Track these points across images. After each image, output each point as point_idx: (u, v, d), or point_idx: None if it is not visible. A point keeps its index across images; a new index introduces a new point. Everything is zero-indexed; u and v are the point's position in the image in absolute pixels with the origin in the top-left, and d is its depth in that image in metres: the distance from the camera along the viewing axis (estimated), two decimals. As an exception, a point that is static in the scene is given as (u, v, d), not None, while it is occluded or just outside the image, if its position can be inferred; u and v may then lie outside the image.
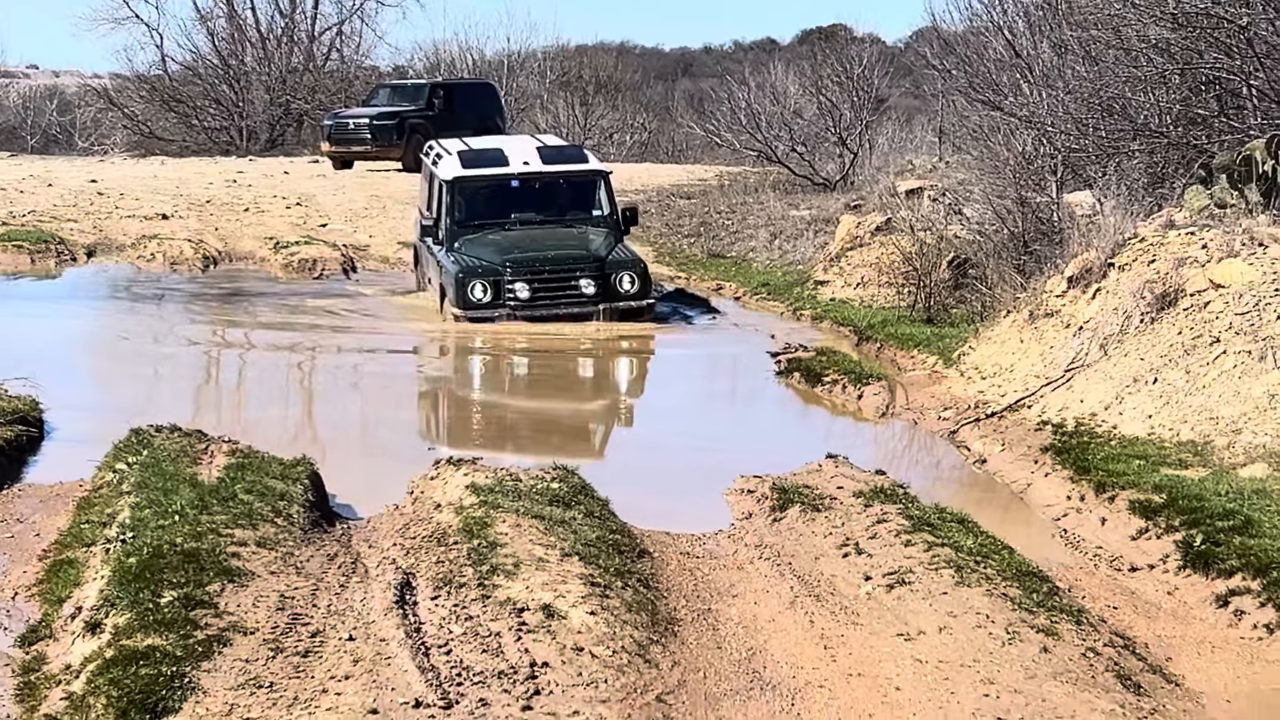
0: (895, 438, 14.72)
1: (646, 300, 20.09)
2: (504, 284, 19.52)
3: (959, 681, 7.42)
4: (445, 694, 6.92)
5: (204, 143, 48.47)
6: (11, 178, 33.93)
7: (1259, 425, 12.07)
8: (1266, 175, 15.62)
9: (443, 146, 22.29)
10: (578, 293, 19.75)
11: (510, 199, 21.13)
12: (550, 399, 16.83)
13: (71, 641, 7.99)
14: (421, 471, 11.71)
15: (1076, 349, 14.75)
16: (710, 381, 18.01)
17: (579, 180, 21.61)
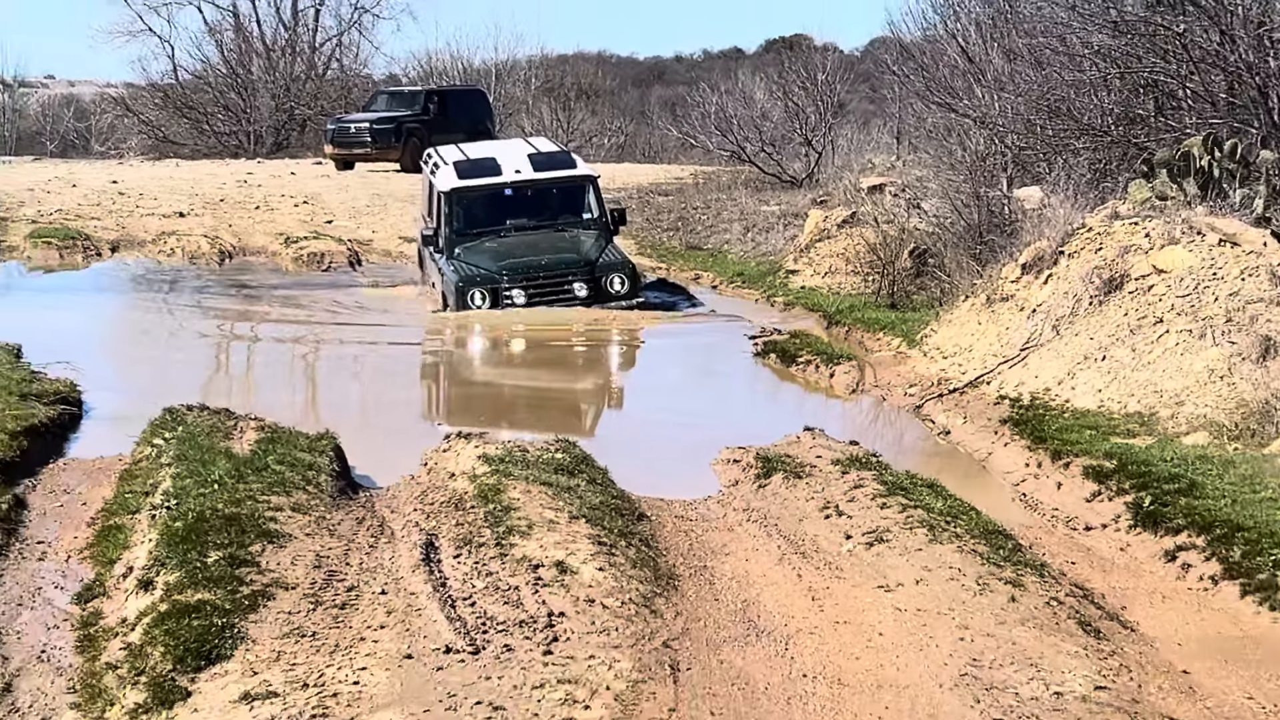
0: (865, 412, 14.81)
1: (635, 299, 19.84)
2: (501, 291, 19.37)
3: (936, 627, 7.54)
4: (473, 641, 7.04)
5: (214, 146, 48.34)
6: (38, 179, 33.82)
7: (1199, 398, 12.22)
8: (1203, 170, 15.76)
9: (440, 156, 22.04)
10: (571, 295, 19.59)
11: (505, 206, 20.84)
12: (546, 379, 16.90)
13: (125, 598, 8.10)
14: (432, 445, 11.82)
15: (1031, 330, 14.88)
16: (693, 362, 18.05)
17: (569, 186, 21.32)
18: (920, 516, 9.39)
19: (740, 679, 6.91)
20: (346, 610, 7.57)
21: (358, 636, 7.17)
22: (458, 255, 20.09)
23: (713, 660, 7.16)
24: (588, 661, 6.82)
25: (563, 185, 21.30)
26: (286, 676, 6.66)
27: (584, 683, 6.55)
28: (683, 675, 6.87)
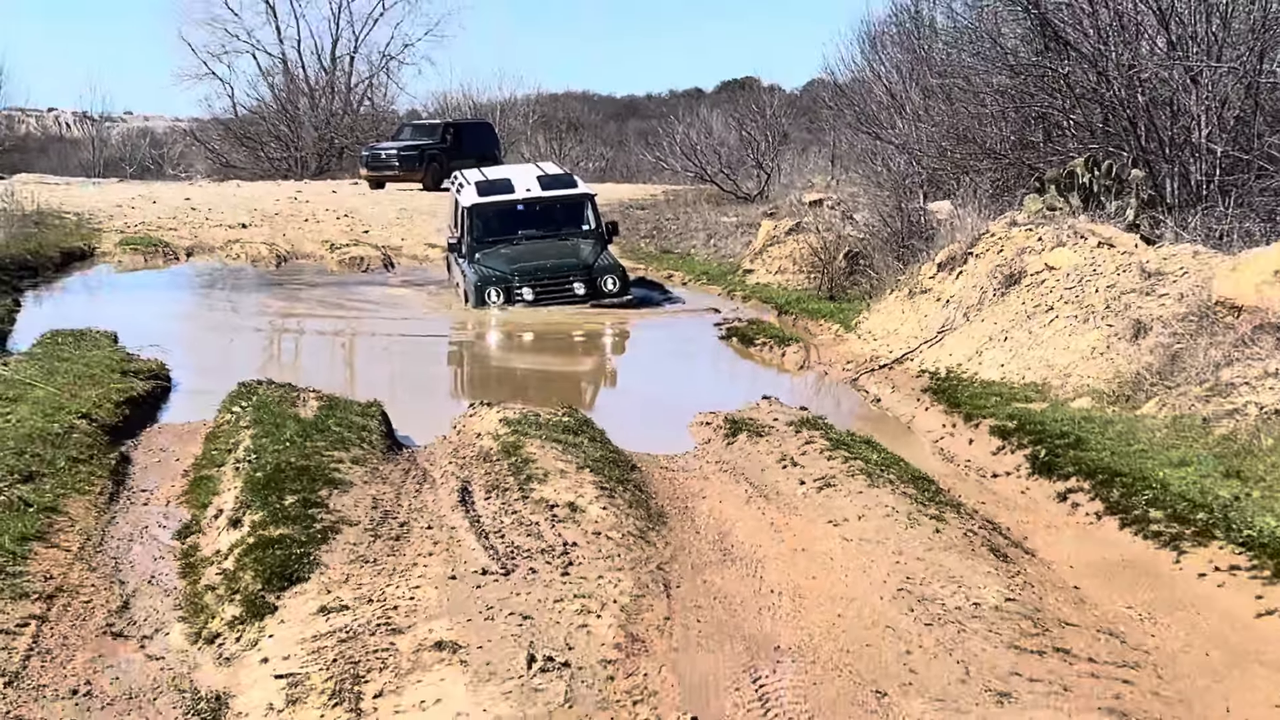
0: (811, 384, 14.86)
1: (626, 297, 19.96)
2: (514, 289, 19.50)
3: (876, 553, 7.68)
4: (504, 565, 7.17)
5: (268, 170, 48.19)
6: (124, 197, 33.75)
7: (1084, 370, 12.32)
8: (1085, 186, 15.90)
9: (464, 177, 22.17)
10: (571, 293, 19.68)
11: (517, 219, 20.96)
12: (548, 360, 16.95)
13: (218, 534, 8.19)
14: (460, 411, 11.93)
15: (946, 317, 14.99)
16: (670, 346, 18.10)
17: (570, 202, 21.40)
18: (860, 466, 9.53)
19: (720, 594, 7.05)
20: (400, 542, 7.70)
21: (410, 562, 7.30)
22: (477, 259, 20.19)
23: (697, 580, 7.29)
24: (598, 581, 6.96)
25: (565, 201, 21.38)
26: (355, 594, 6.80)
27: (596, 597, 6.69)
28: (674, 592, 7.01)
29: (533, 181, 21.65)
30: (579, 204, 21.45)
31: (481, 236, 20.60)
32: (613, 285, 19.92)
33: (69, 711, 5.88)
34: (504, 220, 20.88)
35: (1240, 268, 11.69)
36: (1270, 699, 5.86)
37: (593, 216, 21.31)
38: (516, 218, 20.99)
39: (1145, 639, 6.64)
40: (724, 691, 5.68)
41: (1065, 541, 8.50)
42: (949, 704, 5.55)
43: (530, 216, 21.09)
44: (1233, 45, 17.02)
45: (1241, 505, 8.28)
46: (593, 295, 19.72)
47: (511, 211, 21.02)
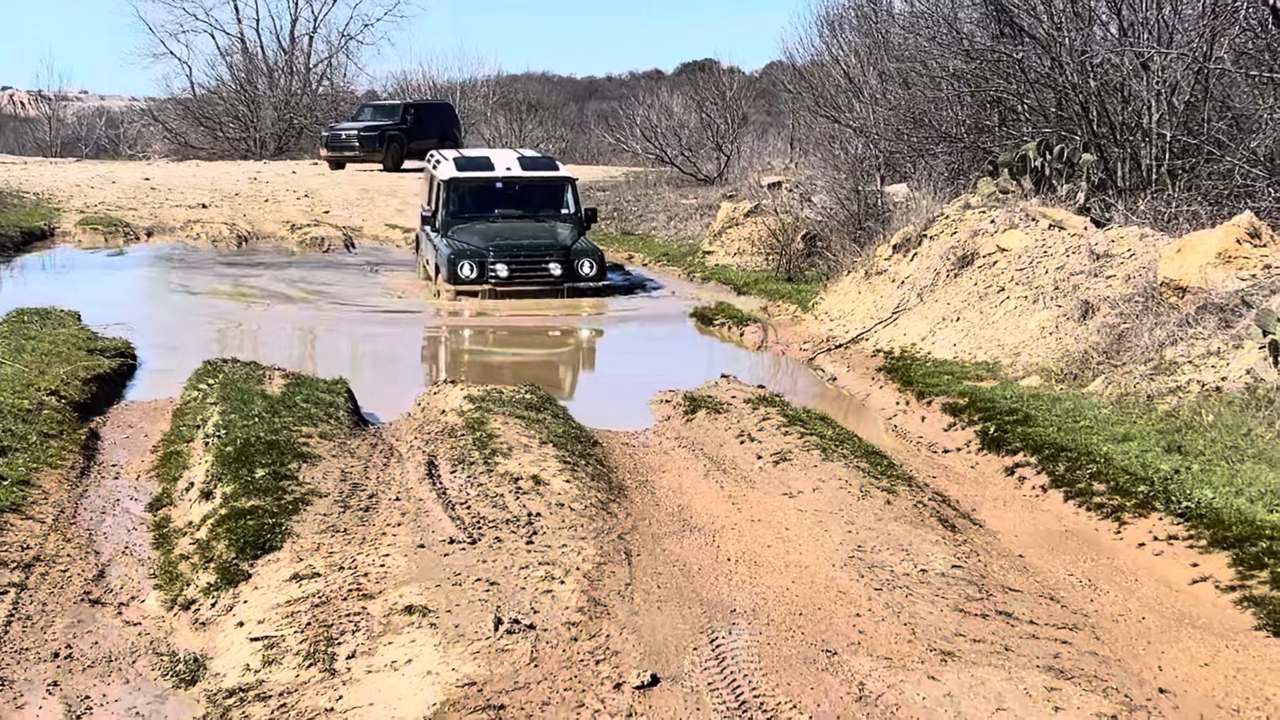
0: (769, 363, 15.10)
1: (603, 282, 19.51)
2: (488, 264, 18.85)
3: (829, 524, 7.97)
4: (470, 534, 7.42)
5: (227, 150, 48.04)
6: (82, 177, 33.66)
7: (1033, 350, 12.66)
8: (1037, 169, 16.22)
9: (442, 154, 21.86)
10: (546, 274, 19.11)
11: (494, 197, 20.51)
12: (518, 342, 16.98)
13: (189, 506, 8.41)
14: (422, 389, 12.15)
15: (900, 297, 15.30)
16: (628, 324, 18.23)
17: (550, 185, 20.90)
18: (815, 441, 9.82)
19: (679, 562, 7.32)
20: (369, 512, 7.95)
21: (379, 532, 7.55)
22: (451, 234, 19.70)
23: (657, 549, 7.56)
24: (561, 549, 7.22)
25: (545, 184, 20.95)
26: (326, 561, 7.04)
27: (559, 564, 6.95)
28: (634, 560, 7.28)
29: (513, 162, 21.32)
30: (559, 187, 20.98)
31: (457, 212, 20.12)
32: (589, 269, 19.33)
33: (51, 672, 6.11)
34: (481, 197, 20.45)
35: (1185, 250, 12.05)
36: (1198, 659, 6.18)
37: (573, 201, 20.85)
38: (494, 196, 20.61)
39: (1085, 604, 6.96)
40: (683, 651, 5.96)
41: (1012, 513, 8.82)
42: (895, 662, 5.85)
43: (508, 196, 20.67)
44: (1183, 32, 17.40)
45: (1181, 478, 8.61)
46: (569, 278, 19.18)
47: (490, 189, 20.64)
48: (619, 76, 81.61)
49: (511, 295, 18.83)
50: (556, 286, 19.05)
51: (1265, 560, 7.19)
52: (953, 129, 20.97)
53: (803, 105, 28.64)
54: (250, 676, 5.89)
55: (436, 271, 19.57)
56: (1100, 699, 5.55)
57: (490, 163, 21.20)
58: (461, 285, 18.86)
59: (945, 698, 5.49)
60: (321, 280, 21.54)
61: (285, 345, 16.47)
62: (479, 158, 21.60)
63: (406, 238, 26.68)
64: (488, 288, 18.82)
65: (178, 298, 19.64)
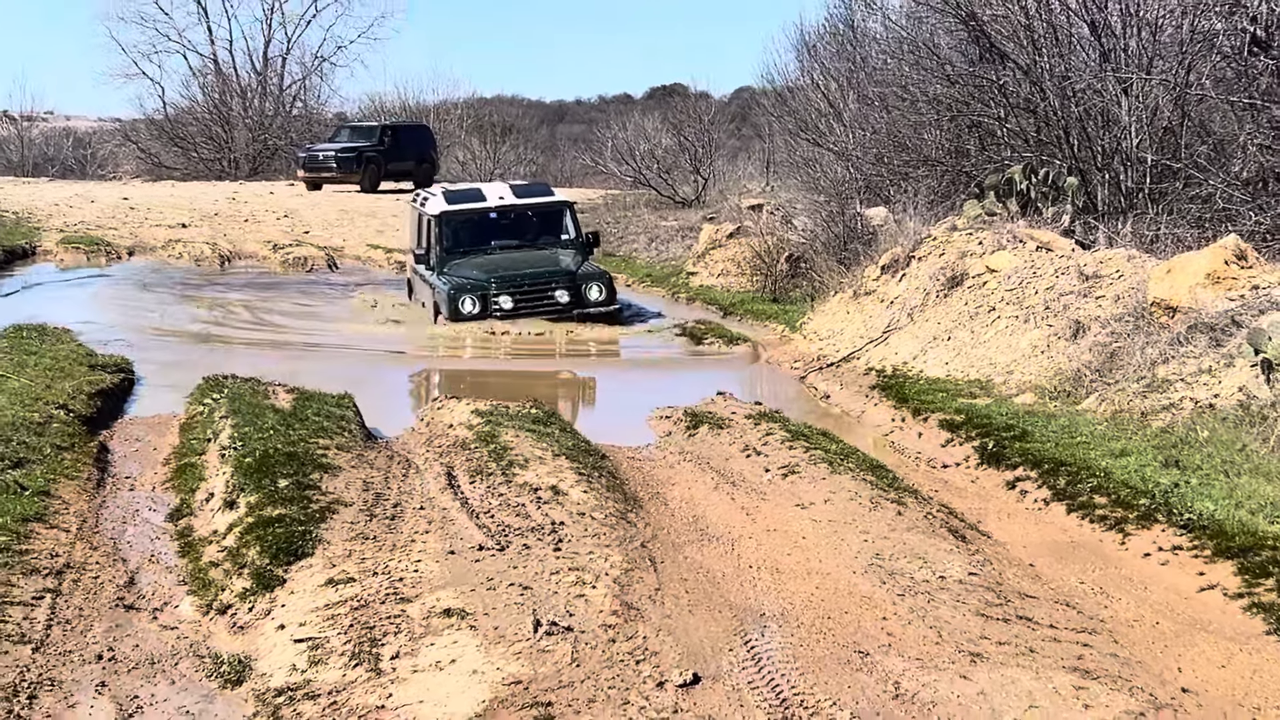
0: (762, 381, 15.29)
1: (613, 306, 18.60)
2: (490, 297, 17.98)
3: (844, 533, 8.14)
4: (498, 541, 7.56)
5: (201, 170, 48.04)
6: (60, 196, 33.73)
7: (1025, 368, 12.87)
8: (1022, 192, 16.48)
9: (428, 192, 20.84)
10: (553, 301, 18.19)
11: (490, 229, 19.46)
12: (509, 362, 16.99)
13: (212, 515, 8.53)
14: (424, 405, 12.29)
15: (890, 317, 15.51)
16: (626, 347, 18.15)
17: (547, 210, 19.96)
18: (820, 455, 10.00)
19: (702, 569, 7.49)
20: (395, 520, 8.09)
21: (408, 539, 7.69)
22: (448, 270, 18.69)
23: (679, 556, 7.72)
24: (589, 555, 7.37)
25: (542, 209, 20.00)
26: (359, 567, 7.18)
27: (589, 570, 7.11)
28: (659, 566, 7.44)
29: (505, 191, 20.38)
30: (557, 211, 20.10)
31: (452, 246, 19.09)
32: (599, 293, 18.43)
33: (98, 674, 6.23)
34: (476, 229, 19.44)
35: (1174, 271, 12.30)
36: (1215, 661, 6.38)
37: (572, 225, 19.99)
38: (490, 227, 19.58)
39: (1099, 610, 7.15)
40: (719, 652, 6.12)
41: (1017, 525, 9.00)
42: (927, 663, 6.03)
43: (505, 226, 19.69)
44: (1162, 58, 17.73)
45: (1181, 492, 8.81)
46: (577, 304, 18.26)
47: (484, 220, 19.59)
48: (588, 100, 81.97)
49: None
50: (565, 314, 18.23)
51: (1270, 569, 7.39)
52: (933, 153, 21.24)
53: (782, 128, 28.88)
54: (297, 676, 6.02)
55: (436, 311, 18.69)
56: (1127, 697, 5.74)
57: (481, 194, 20.35)
58: (465, 322, 18.04)
59: (979, 695, 5.67)
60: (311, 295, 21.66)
61: (281, 356, 16.48)
62: (469, 190, 20.95)
63: (389, 258, 26.84)
64: (493, 322, 18.04)
65: (174, 314, 19.71)
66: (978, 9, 19.67)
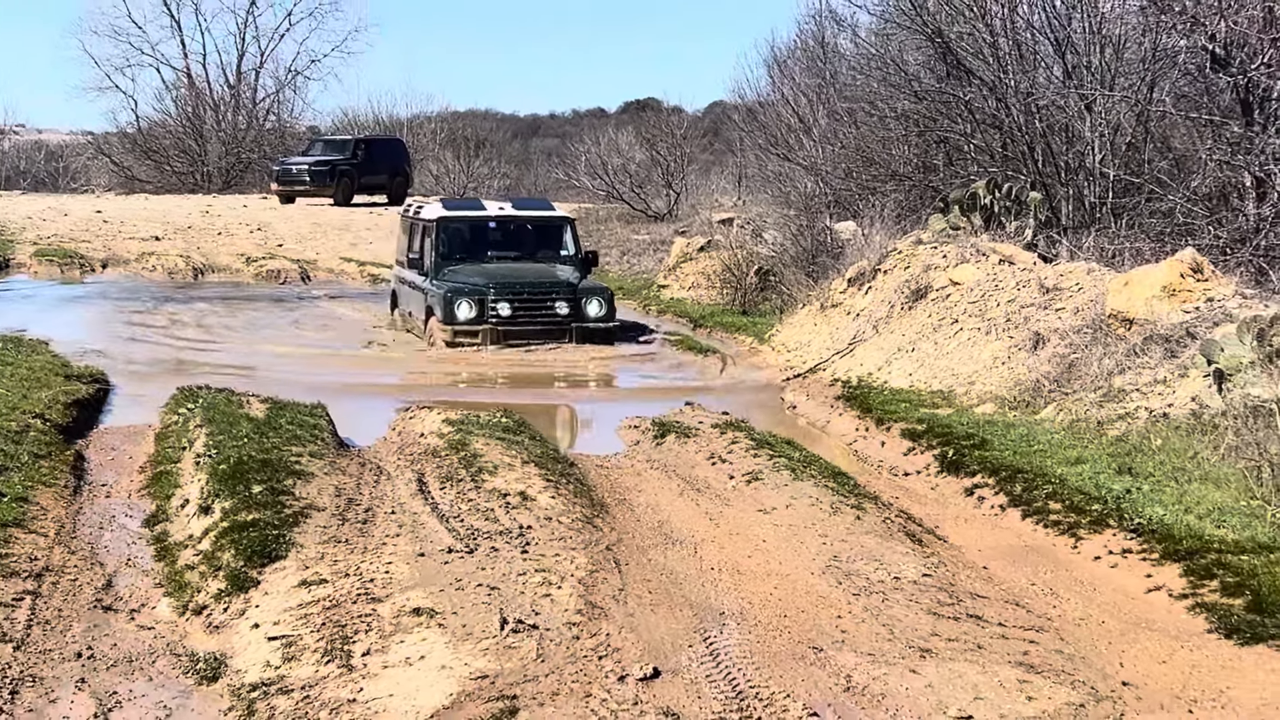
0: (730, 391, 15.53)
1: (612, 323, 18.16)
2: (488, 303, 17.43)
3: (804, 537, 8.39)
4: (467, 544, 7.80)
5: (174, 184, 48.13)
6: (33, 209, 33.80)
7: (986, 379, 13.17)
8: (986, 206, 16.81)
9: (423, 202, 20.60)
10: (552, 313, 17.75)
11: (488, 238, 19.08)
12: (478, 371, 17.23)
13: (188, 521, 8.73)
14: (395, 414, 12.50)
15: (856, 329, 15.81)
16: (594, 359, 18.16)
17: (547, 225, 19.55)
18: (784, 463, 10.26)
19: (665, 571, 7.73)
20: (367, 525, 8.31)
21: (379, 542, 7.91)
22: (444, 275, 18.19)
23: (643, 559, 7.96)
24: (555, 558, 7.61)
25: (542, 223, 19.63)
26: (332, 569, 7.40)
27: (555, 571, 7.35)
28: (624, 568, 7.68)
29: (505, 203, 20.20)
30: (557, 227, 19.63)
31: (449, 253, 18.57)
32: (599, 309, 17.97)
33: (77, 670, 6.43)
34: (474, 238, 19.05)
35: (1131, 284, 12.62)
36: (1157, 657, 6.64)
37: (572, 242, 19.43)
38: (488, 236, 19.20)
39: (1048, 609, 7.41)
40: (679, 648, 6.36)
41: (973, 530, 9.27)
42: (878, 657, 6.28)
43: (503, 236, 19.33)
44: (1125, 75, 18.12)
45: (1133, 498, 9.09)
46: (575, 318, 17.78)
47: (483, 228, 19.25)
48: (562, 114, 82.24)
49: (515, 338, 17.60)
50: (563, 327, 17.82)
51: (1215, 571, 7.66)
52: (901, 167, 21.60)
53: (753, 143, 29.22)
54: (271, 672, 6.23)
55: (428, 315, 18.15)
56: (1069, 690, 6.00)
57: (481, 204, 20.31)
58: (459, 326, 17.47)
59: (926, 688, 5.92)
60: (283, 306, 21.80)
61: (253, 366, 16.58)
62: (468, 200, 21.02)
63: (362, 271, 27.07)
64: (488, 328, 17.49)
65: (147, 327, 19.84)
66: (944, 27, 20.04)
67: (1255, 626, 6.84)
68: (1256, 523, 8.32)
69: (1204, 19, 15.80)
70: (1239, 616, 7.00)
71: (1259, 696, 6.07)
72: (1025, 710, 5.76)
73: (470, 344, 17.42)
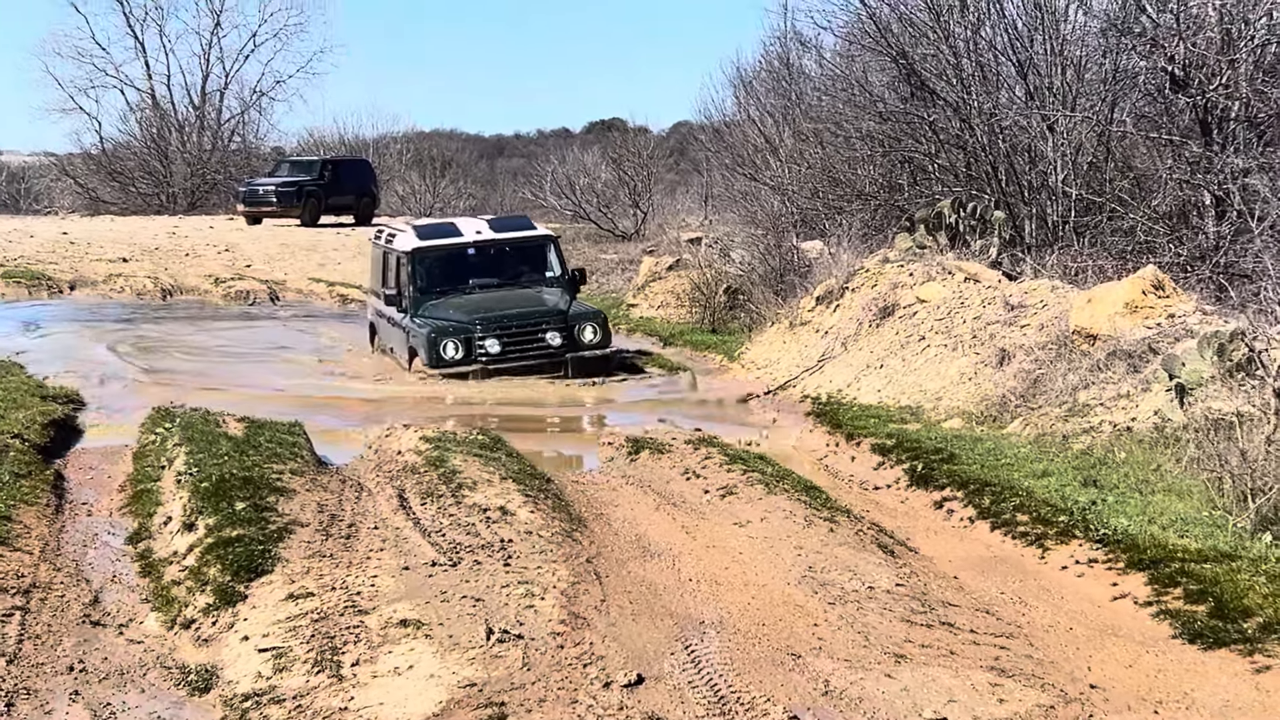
0: (702, 408, 15.70)
1: (608, 349, 17.21)
2: (475, 340, 16.41)
3: (780, 548, 8.58)
4: (450, 558, 7.96)
5: (139, 205, 48.06)
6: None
7: (954, 394, 13.40)
8: (952, 225, 17.10)
9: (394, 227, 19.70)
10: (544, 345, 16.67)
11: (467, 266, 17.89)
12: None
13: (171, 538, 8.87)
14: (371, 433, 12.65)
15: (825, 347, 16.04)
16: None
17: (529, 245, 18.40)
18: (757, 477, 10.44)
19: (645, 582, 7.91)
20: (351, 539, 8.47)
21: (364, 557, 8.07)
22: (424, 312, 17.14)
23: (623, 571, 8.14)
24: (537, 570, 7.79)
25: (523, 244, 18.42)
26: (318, 583, 7.56)
27: (537, 583, 7.52)
28: (605, 580, 7.86)
29: (481, 224, 19.01)
30: (539, 247, 18.50)
31: (426, 287, 17.48)
32: (593, 334, 16.95)
33: (70, 683, 6.57)
34: (452, 267, 17.86)
35: (1094, 300, 12.89)
36: (1123, 661, 6.86)
37: (557, 262, 18.36)
38: (466, 264, 17.97)
39: (1018, 617, 7.63)
40: (661, 656, 6.55)
41: (943, 541, 9.45)
42: (855, 663, 6.48)
43: (483, 263, 18.05)
44: (1086, 96, 18.47)
45: (1098, 509, 9.31)
46: (570, 347, 16.72)
47: (461, 257, 18.03)
48: (527, 135, 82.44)
49: (507, 375, 16.52)
50: (557, 359, 16.71)
51: (1178, 579, 7.89)
52: (867, 187, 21.90)
53: (720, 163, 29.48)
54: (263, 683, 6.38)
55: (411, 356, 17.25)
56: (1039, 692, 6.21)
57: (456, 228, 18.84)
58: (446, 368, 16.46)
59: (902, 691, 6.13)
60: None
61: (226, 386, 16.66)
62: (442, 224, 19.70)
63: (331, 291, 27.16)
64: (477, 368, 16.41)
65: (118, 344, 19.91)
66: (908, 48, 20.35)
67: (1218, 632, 7.05)
68: (1218, 532, 8.54)
69: (1163, 41, 16.15)
70: (1202, 622, 7.21)
71: (1222, 698, 6.28)
72: (997, 712, 5.97)
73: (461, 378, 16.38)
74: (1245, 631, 6.97)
